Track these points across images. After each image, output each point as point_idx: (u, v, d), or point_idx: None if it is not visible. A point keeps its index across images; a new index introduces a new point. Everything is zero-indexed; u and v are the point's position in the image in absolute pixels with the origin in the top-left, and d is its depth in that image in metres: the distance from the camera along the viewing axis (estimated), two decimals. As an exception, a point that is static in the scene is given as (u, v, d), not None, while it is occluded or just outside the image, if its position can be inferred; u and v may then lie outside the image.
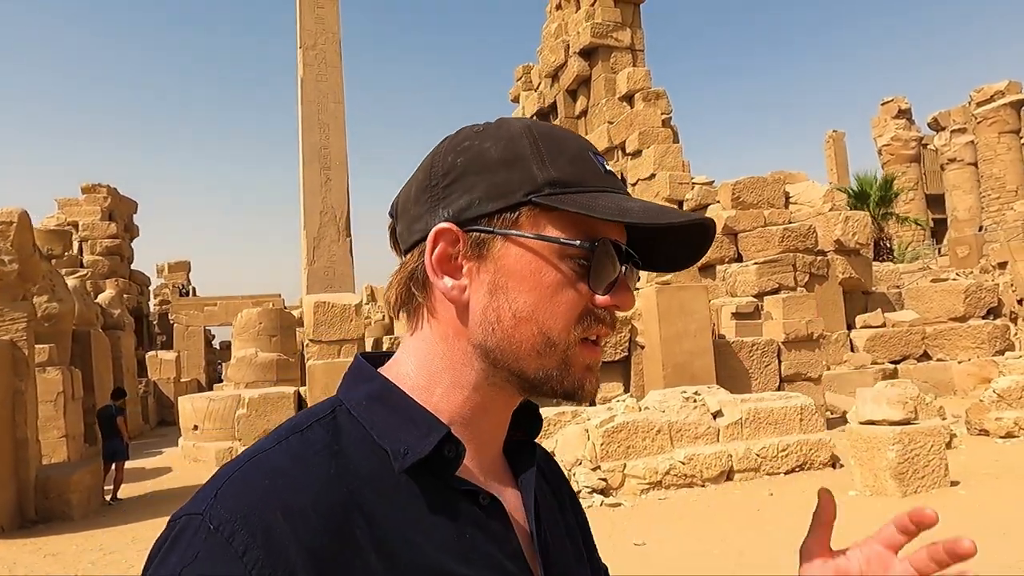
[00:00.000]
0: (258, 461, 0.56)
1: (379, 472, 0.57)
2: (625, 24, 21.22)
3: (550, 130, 0.65)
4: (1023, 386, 8.89)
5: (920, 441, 6.01)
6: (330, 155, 25.56)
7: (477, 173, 0.61)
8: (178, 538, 0.52)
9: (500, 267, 0.61)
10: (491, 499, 0.62)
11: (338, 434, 0.59)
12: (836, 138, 48.72)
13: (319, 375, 7.79)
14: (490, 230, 0.60)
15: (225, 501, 0.52)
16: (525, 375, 0.61)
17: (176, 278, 31.58)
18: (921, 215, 39.84)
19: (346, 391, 0.64)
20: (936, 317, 14.02)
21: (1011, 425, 8.39)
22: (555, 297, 0.60)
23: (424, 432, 0.59)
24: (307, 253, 24.91)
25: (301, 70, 25.07)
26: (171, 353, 18.78)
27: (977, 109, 36.69)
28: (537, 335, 0.60)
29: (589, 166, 0.62)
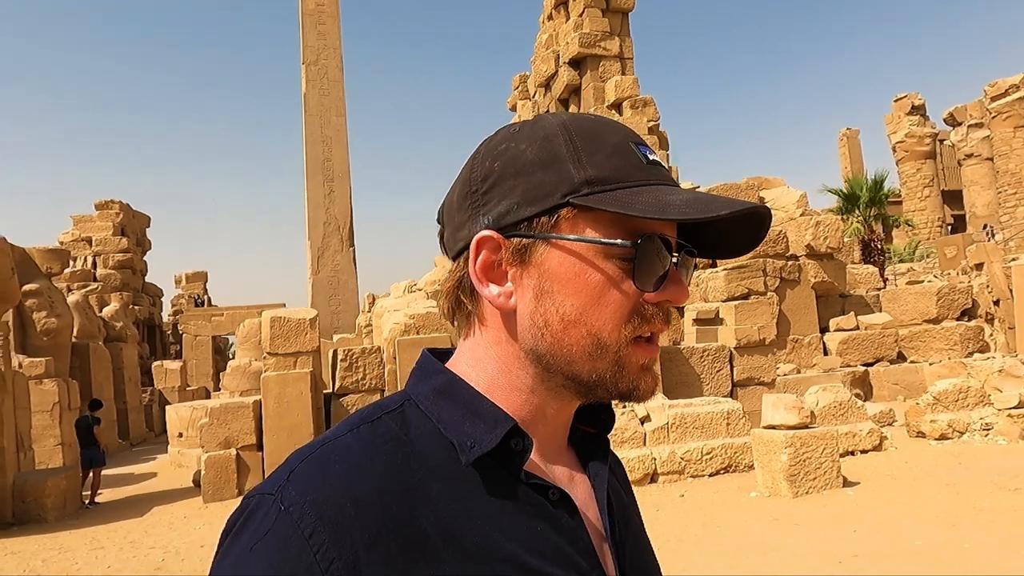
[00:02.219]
0: (331, 447, 0.57)
1: (446, 464, 0.58)
2: (613, 33, 21.53)
3: (590, 124, 0.64)
4: (959, 389, 9.04)
5: (812, 445, 6.28)
6: (333, 168, 26.28)
7: (515, 177, 0.61)
8: (251, 516, 0.54)
9: (544, 271, 0.60)
10: (561, 494, 0.62)
11: (406, 426, 0.60)
12: (850, 136, 48.17)
13: (272, 385, 8.31)
14: (531, 235, 0.60)
15: (297, 483, 0.54)
16: (579, 378, 0.61)
17: (193, 288, 32.64)
18: (936, 212, 39.25)
19: (414, 385, 0.65)
20: (911, 319, 14.08)
21: (945, 427, 8.55)
22: (602, 298, 0.59)
23: (491, 425, 0.59)
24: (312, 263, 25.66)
25: (304, 85, 25.88)
26: (176, 363, 19.61)
27: (991, 104, 36.06)
28: (587, 337, 0.59)
29: (630, 159, 0.61)
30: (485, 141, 0.65)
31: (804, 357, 13.79)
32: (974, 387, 9.10)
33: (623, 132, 0.64)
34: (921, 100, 41.75)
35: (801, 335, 13.98)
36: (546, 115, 0.65)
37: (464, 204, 0.63)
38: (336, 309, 22.90)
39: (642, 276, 0.59)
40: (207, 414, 8.63)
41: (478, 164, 0.63)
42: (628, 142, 0.62)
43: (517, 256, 0.61)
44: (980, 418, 8.70)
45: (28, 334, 12.28)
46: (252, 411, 8.61)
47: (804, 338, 13.95)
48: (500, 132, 0.65)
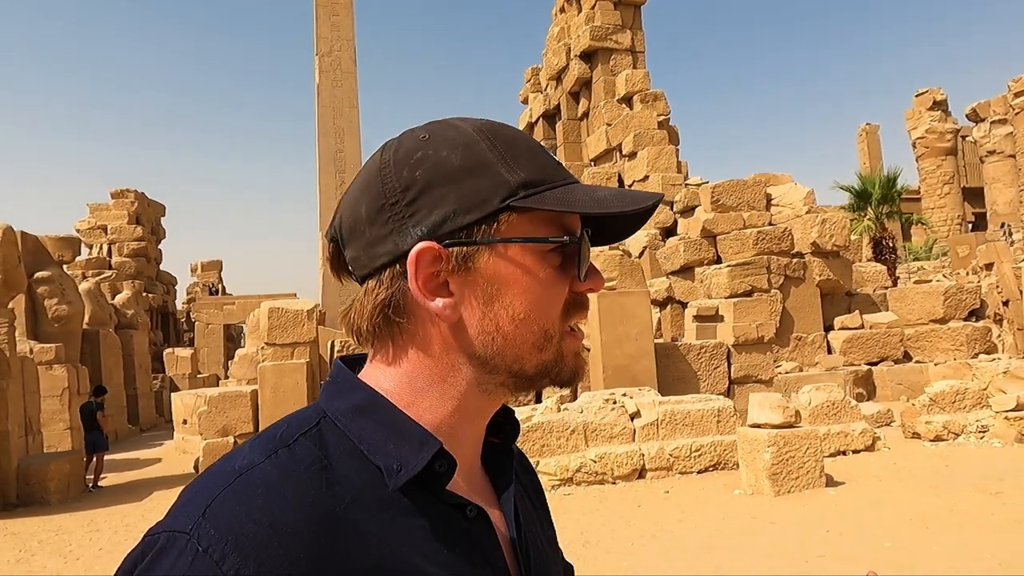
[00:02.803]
0: (249, 477, 0.53)
1: (369, 487, 0.57)
2: (625, 26, 21.39)
3: (500, 128, 0.64)
4: (957, 391, 8.97)
5: (796, 444, 6.29)
6: (345, 159, 26.50)
7: (443, 184, 0.59)
8: (160, 556, 0.49)
9: (490, 277, 0.60)
10: (478, 511, 0.62)
11: (325, 448, 0.58)
12: (870, 131, 47.49)
13: (269, 375, 8.46)
14: (472, 242, 0.59)
15: (214, 520, 0.50)
16: (525, 372, 0.62)
17: (208, 277, 33.07)
18: (956, 210, 38.61)
19: (328, 400, 0.62)
20: (917, 319, 13.93)
21: (940, 429, 8.49)
22: (547, 293, 0.61)
23: (416, 447, 0.58)
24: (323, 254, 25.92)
25: (317, 77, 26.11)
26: (188, 350, 19.96)
27: (1015, 99, 35.35)
28: (537, 332, 0.61)
29: (547, 160, 0.64)
30: (390, 149, 0.62)
31: (807, 355, 13.71)
32: (972, 389, 9.02)
33: (526, 136, 0.66)
34: (943, 95, 41.01)
35: (805, 333, 13.90)
36: (453, 120, 0.64)
37: (380, 217, 0.60)
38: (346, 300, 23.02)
39: (580, 268, 0.62)
40: (206, 402, 8.81)
41: (391, 174, 0.61)
42: (536, 145, 0.65)
43: (460, 265, 0.59)
44: (976, 420, 8.63)
45: (39, 320, 12.58)
46: (250, 400, 8.78)
47: (808, 336, 13.87)
48: (406, 140, 0.63)
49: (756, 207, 14.68)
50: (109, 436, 10.23)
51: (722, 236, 14.25)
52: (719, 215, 14.38)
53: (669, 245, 15.08)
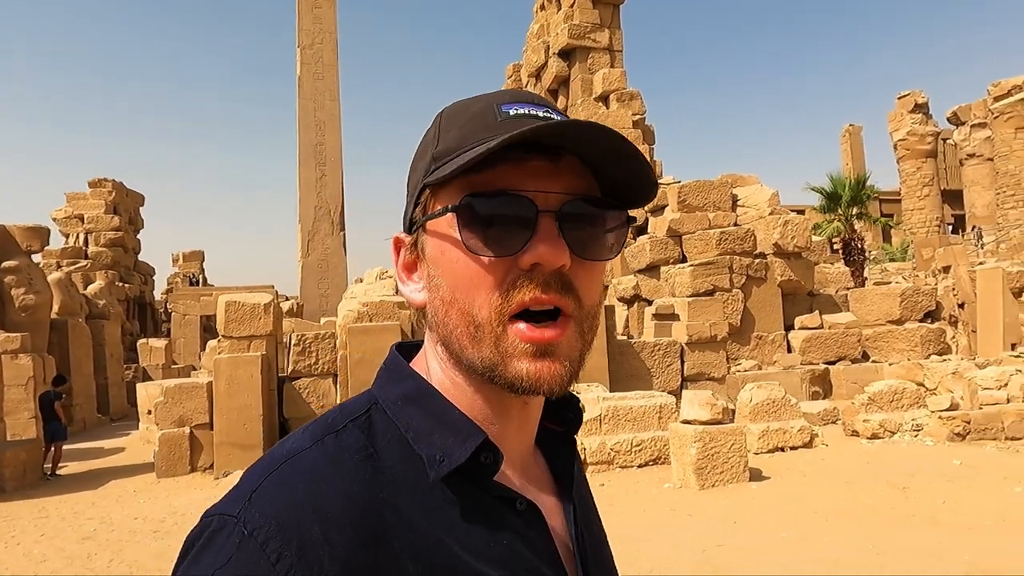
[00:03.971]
0: (295, 463, 0.54)
1: (414, 477, 0.56)
2: (603, 25, 21.56)
3: (465, 103, 0.62)
4: (895, 390, 9.25)
5: (721, 440, 6.52)
6: (325, 152, 26.50)
7: (410, 177, 0.63)
8: (211, 539, 0.51)
9: (428, 259, 0.60)
10: (527, 504, 0.60)
11: (373, 435, 0.57)
12: (853, 132, 47.89)
13: (224, 367, 8.61)
14: (413, 226, 0.62)
15: (260, 504, 0.51)
16: (474, 366, 0.58)
17: (190, 267, 33.05)
18: (935, 212, 39.07)
19: (381, 388, 0.62)
20: (876, 319, 14.24)
21: (876, 427, 8.76)
22: (465, 272, 0.57)
23: (461, 438, 0.57)
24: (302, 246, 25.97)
25: (299, 69, 26.04)
26: (162, 340, 20.03)
27: (994, 104, 35.80)
28: (461, 316, 0.57)
29: (482, 121, 0.58)
30: None
31: (767, 354, 13.99)
32: (909, 389, 9.31)
33: (495, 97, 0.60)
34: (924, 98, 41.42)
35: (766, 332, 14.18)
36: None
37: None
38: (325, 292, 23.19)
39: (484, 239, 0.55)
40: (163, 393, 8.95)
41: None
42: (492, 105, 0.59)
43: (414, 251, 0.62)
44: (912, 419, 8.91)
45: (6, 310, 12.65)
46: (206, 391, 8.92)
47: (768, 335, 14.14)
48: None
49: (722, 208, 14.93)
50: (77, 425, 10.35)
51: (687, 236, 14.48)
52: (685, 215, 14.62)
53: (637, 244, 15.31)
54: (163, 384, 9.27)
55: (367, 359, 9.15)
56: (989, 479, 5.86)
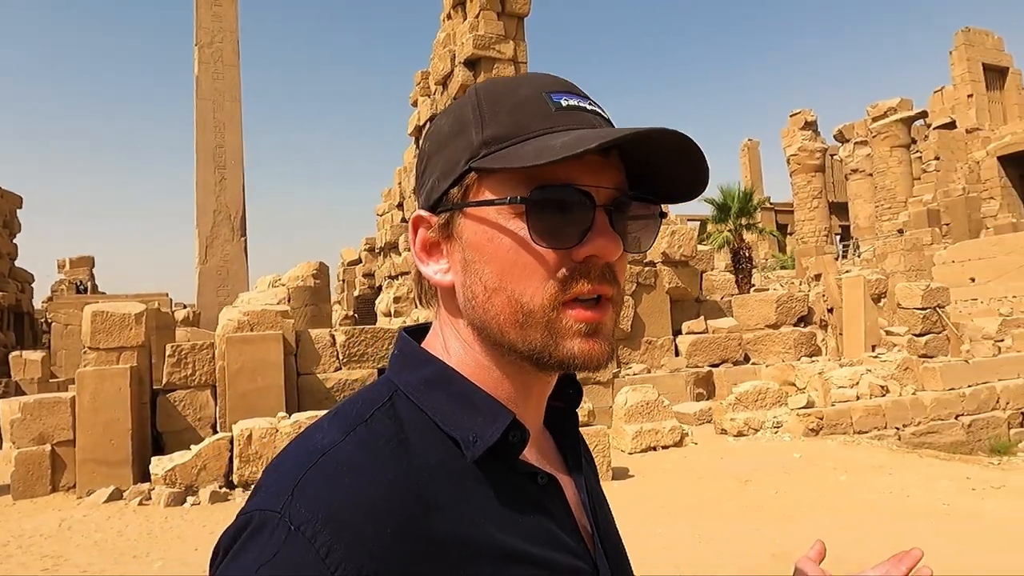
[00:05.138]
0: (332, 455, 0.54)
1: (447, 460, 0.57)
2: (508, 37, 21.93)
3: (502, 84, 0.62)
4: (759, 390, 9.91)
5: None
6: (225, 154, 25.50)
7: (437, 152, 0.61)
8: (255, 535, 0.50)
9: (464, 243, 0.60)
10: (549, 478, 0.62)
11: (400, 422, 0.58)
12: (751, 147, 50.60)
13: (88, 381, 8.20)
14: (449, 207, 0.60)
15: (304, 498, 0.51)
16: (517, 349, 0.59)
17: (78, 274, 31.00)
18: (823, 222, 41.78)
19: (398, 373, 0.63)
20: (756, 324, 15.15)
21: (741, 425, 9.36)
22: (517, 261, 0.57)
23: (490, 419, 0.58)
24: (200, 252, 24.83)
25: (197, 68, 25.00)
26: (38, 353, 18.72)
27: (873, 123, 38.79)
28: (509, 304, 0.58)
29: (535, 109, 0.58)
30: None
31: (656, 358, 14.64)
32: (772, 388, 9.99)
33: (538, 82, 0.61)
34: (814, 116, 44.20)
35: (655, 337, 14.83)
36: (477, 84, 0.65)
37: (416, 187, 0.66)
38: (224, 300, 22.30)
39: (547, 231, 0.56)
40: (20, 409, 8.43)
41: (421, 147, 0.65)
42: (540, 92, 0.60)
43: (444, 231, 0.61)
44: (774, 417, 9.58)
45: None
46: (69, 406, 8.47)
47: (657, 340, 14.80)
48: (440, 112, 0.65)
49: (615, 217, 15.51)
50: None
51: (582, 244, 14.95)
52: (580, 224, 15.09)
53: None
54: (21, 400, 8.72)
55: (247, 368, 8.95)
56: (820, 470, 6.40)
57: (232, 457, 7.69)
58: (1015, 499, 5.10)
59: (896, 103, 38.83)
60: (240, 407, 8.71)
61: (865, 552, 4.20)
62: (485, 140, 0.58)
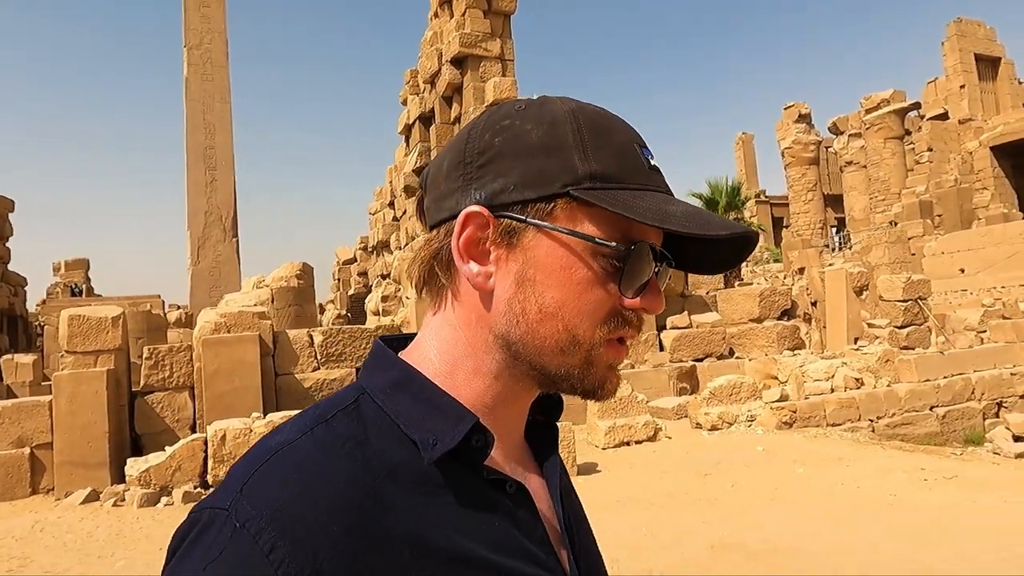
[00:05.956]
0: (285, 454, 0.55)
1: (406, 462, 0.57)
2: (495, 35, 21.98)
3: (598, 117, 0.62)
4: (733, 385, 9.98)
5: (549, 438, 6.91)
6: (216, 155, 25.59)
7: (515, 156, 0.60)
8: (202, 533, 0.51)
9: (530, 258, 0.59)
10: (518, 487, 0.62)
11: (363, 423, 0.58)
12: (746, 140, 50.55)
13: (65, 384, 8.30)
14: (523, 219, 0.59)
15: (251, 496, 0.51)
16: (547, 370, 0.60)
17: (73, 276, 31.15)
18: (818, 215, 41.79)
19: (367, 378, 0.63)
20: (740, 318, 15.22)
21: (715, 419, 9.43)
22: (584, 295, 0.59)
23: (452, 422, 0.58)
24: (192, 253, 24.94)
25: (186, 69, 25.07)
26: (30, 356, 18.82)
27: (866, 115, 38.77)
28: (562, 332, 0.59)
29: (634, 161, 0.61)
30: (487, 112, 0.64)
31: (640, 353, 14.72)
32: (747, 383, 10.07)
33: (630, 132, 0.63)
34: (808, 109, 44.16)
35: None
36: (554, 99, 0.63)
37: (455, 173, 0.62)
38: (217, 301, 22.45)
39: (628, 281, 0.59)
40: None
41: (476, 136, 0.62)
42: (633, 143, 0.62)
43: (504, 238, 0.60)
44: (748, 411, 9.65)
45: None
46: (48, 409, 8.57)
47: (642, 335, 14.88)
48: (504, 106, 0.63)
49: (599, 214, 15.57)
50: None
51: (566, 241, 15.02)
52: (564, 221, 15.16)
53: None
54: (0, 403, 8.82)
55: (223, 370, 9.04)
56: (781, 463, 6.48)
57: (207, 458, 7.78)
58: (962, 490, 5.17)
59: (889, 95, 38.78)
60: (217, 408, 8.80)
61: (804, 541, 4.28)
62: (592, 173, 0.59)
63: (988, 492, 5.06)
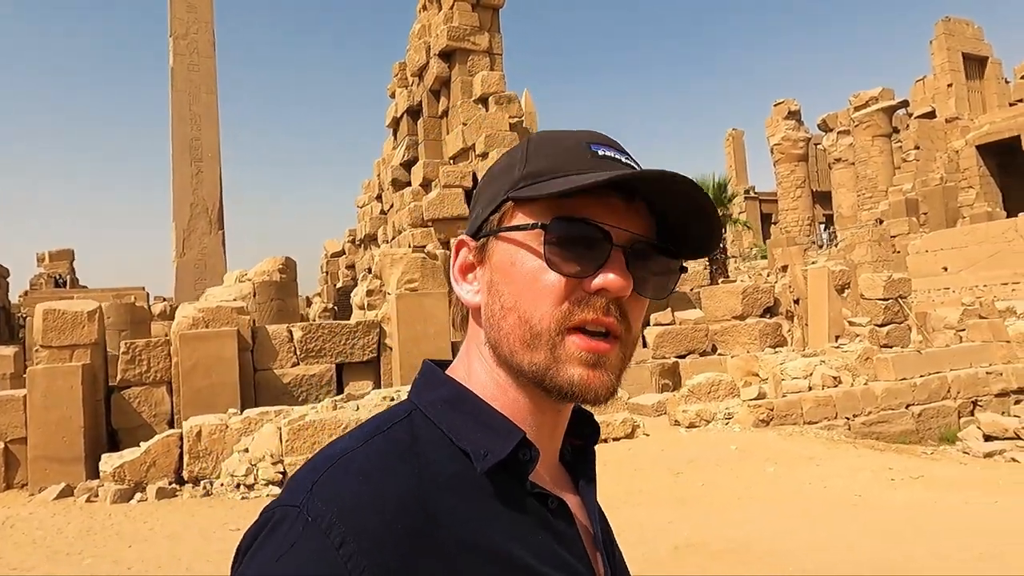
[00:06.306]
0: (350, 458, 0.58)
1: (458, 472, 0.60)
2: (483, 28, 21.87)
3: (552, 134, 0.68)
4: (712, 382, 10.04)
5: (524, 436, 6.94)
6: (202, 147, 25.37)
7: (487, 187, 0.68)
8: (275, 528, 0.54)
9: (493, 264, 0.65)
10: (559, 502, 0.64)
11: (415, 435, 0.62)
12: (735, 136, 50.64)
13: (39, 379, 8.23)
14: (486, 233, 0.66)
15: (321, 495, 0.55)
16: (523, 371, 0.62)
17: (57, 267, 30.85)
18: (807, 212, 41.97)
19: (418, 395, 0.67)
20: (723, 315, 15.29)
21: (693, 416, 9.49)
22: (533, 283, 0.61)
23: (502, 436, 0.61)
24: (177, 245, 24.73)
25: (171, 60, 24.80)
26: (10, 348, 18.64)
27: (855, 113, 38.91)
28: (519, 323, 0.62)
29: (574, 155, 0.64)
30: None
31: (623, 349, 14.80)
32: (725, 380, 10.12)
33: (585, 136, 0.67)
34: (797, 106, 44.25)
35: (623, 329, 14.98)
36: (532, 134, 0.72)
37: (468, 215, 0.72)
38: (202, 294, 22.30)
39: (563, 257, 0.61)
40: (-28, 407, 8.45)
41: (480, 181, 0.71)
42: (582, 143, 0.65)
43: (479, 255, 0.66)
44: (726, 408, 9.71)
45: None
46: (22, 404, 8.50)
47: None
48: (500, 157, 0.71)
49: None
50: None
51: (551, 237, 15.02)
52: (549, 217, 15.16)
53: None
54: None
55: (201, 365, 9.00)
56: (752, 461, 6.52)
57: (182, 453, 7.75)
58: (927, 490, 5.23)
59: (878, 92, 38.93)
60: (195, 403, 8.77)
61: (767, 541, 4.32)
62: (525, 175, 0.64)
63: (953, 492, 5.12)
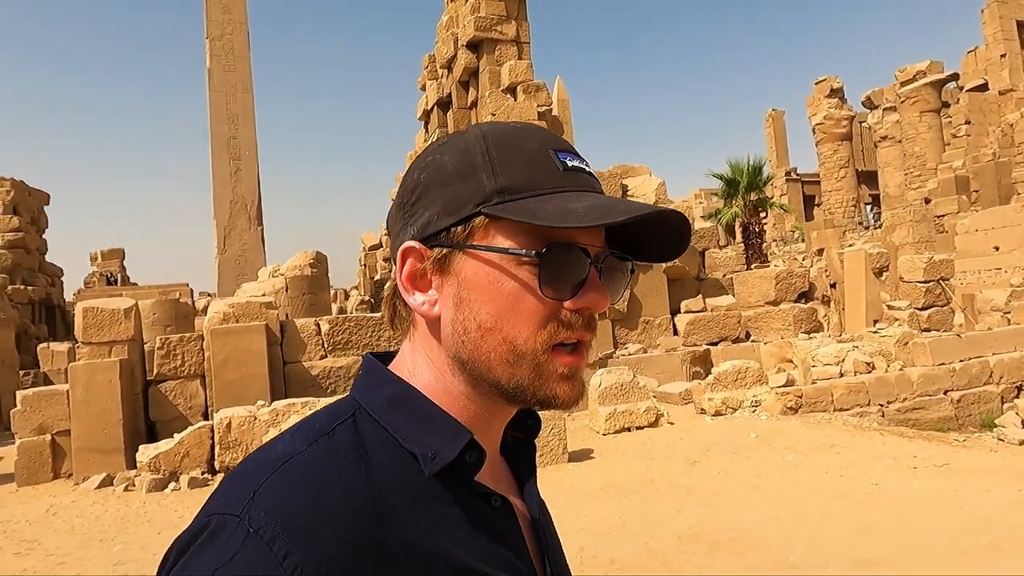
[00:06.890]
0: (294, 464, 0.56)
1: (405, 474, 0.59)
2: (510, 17, 21.78)
3: (509, 132, 0.65)
4: (739, 370, 9.87)
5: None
6: (239, 145, 26.01)
7: (437, 188, 0.63)
8: (213, 537, 0.51)
9: (462, 280, 0.62)
10: (503, 500, 0.64)
11: (361, 436, 0.60)
12: (776, 117, 49.32)
13: (80, 374, 8.63)
14: (449, 244, 0.62)
15: (264, 503, 0.53)
16: (500, 385, 0.62)
17: (109, 266, 32.07)
18: (851, 192, 40.72)
19: (363, 393, 0.65)
20: (756, 301, 14.99)
21: (719, 404, 9.36)
22: (516, 306, 0.60)
23: (449, 438, 0.61)
24: (218, 242, 25.49)
25: (208, 61, 25.42)
26: (64, 344, 19.55)
27: (901, 88, 37.44)
28: (503, 344, 0.61)
29: (545, 166, 0.63)
30: (419, 154, 0.68)
31: (653, 337, 14.62)
32: (752, 368, 9.94)
33: (542, 138, 0.65)
34: (840, 83, 42.86)
35: (652, 316, 14.81)
36: (471, 126, 0.68)
37: (398, 214, 0.66)
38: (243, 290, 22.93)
39: (553, 283, 0.60)
40: (20, 401, 8.91)
41: (409, 176, 0.66)
42: (546, 149, 0.64)
43: (438, 265, 0.63)
44: (753, 396, 9.54)
45: None
46: (66, 398, 8.92)
47: (655, 319, 14.77)
48: (430, 145, 0.68)
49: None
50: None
51: (579, 226, 14.92)
52: (576, 205, 15.06)
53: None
54: (21, 393, 9.21)
55: (231, 359, 9.28)
56: (771, 450, 6.41)
57: (214, 444, 8.03)
58: (948, 479, 5.06)
59: (926, 66, 37.36)
60: (226, 395, 9.06)
61: (772, 530, 4.26)
62: (499, 188, 0.61)
63: (972, 480, 4.94)
